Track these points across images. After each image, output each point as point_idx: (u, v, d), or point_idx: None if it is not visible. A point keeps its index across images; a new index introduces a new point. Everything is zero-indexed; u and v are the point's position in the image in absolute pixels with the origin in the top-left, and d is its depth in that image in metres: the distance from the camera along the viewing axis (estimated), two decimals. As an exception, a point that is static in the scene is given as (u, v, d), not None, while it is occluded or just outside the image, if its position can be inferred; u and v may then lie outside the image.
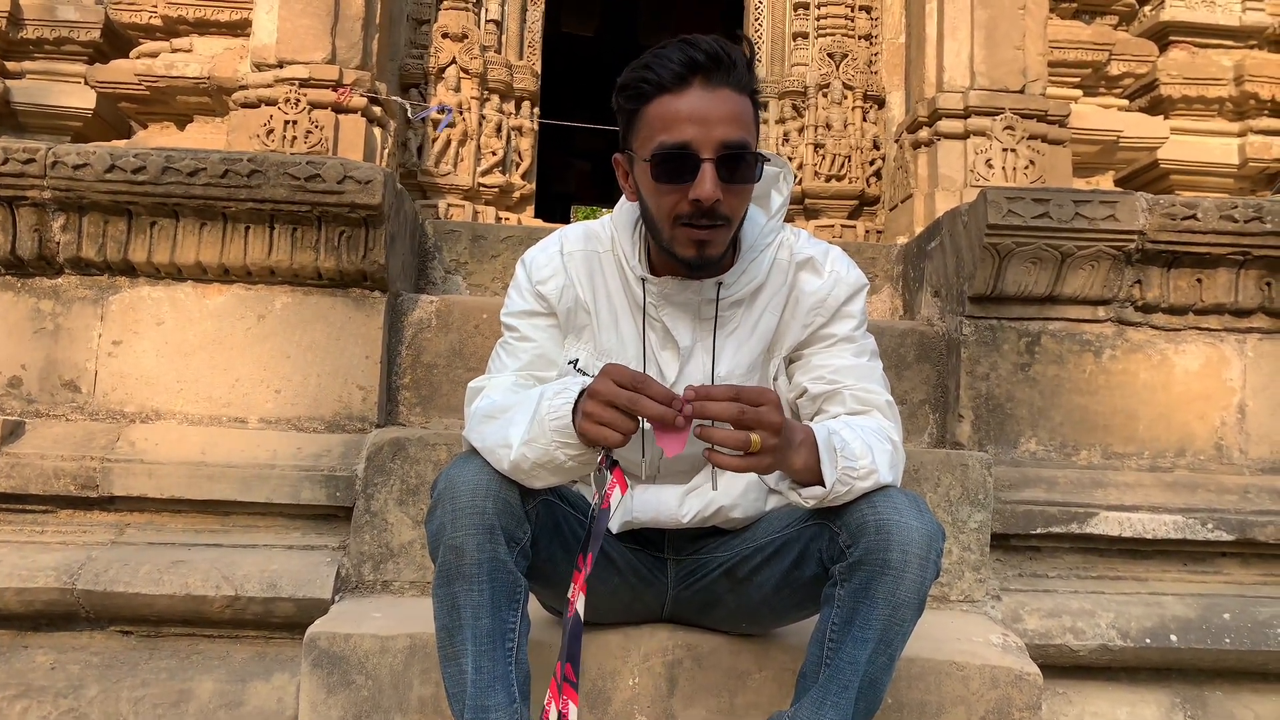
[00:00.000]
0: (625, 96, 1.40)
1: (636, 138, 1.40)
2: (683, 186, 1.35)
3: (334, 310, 2.31)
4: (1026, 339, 2.35)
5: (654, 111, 1.36)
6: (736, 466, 1.24)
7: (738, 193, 1.38)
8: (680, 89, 1.34)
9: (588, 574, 1.30)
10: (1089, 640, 2.05)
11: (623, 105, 1.41)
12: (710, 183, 1.34)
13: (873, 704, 1.40)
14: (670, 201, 1.38)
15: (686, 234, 1.38)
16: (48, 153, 2.18)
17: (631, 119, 1.40)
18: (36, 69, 4.73)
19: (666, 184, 1.36)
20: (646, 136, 1.38)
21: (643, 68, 1.37)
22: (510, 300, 1.58)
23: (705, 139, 1.33)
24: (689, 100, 1.34)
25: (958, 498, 2.07)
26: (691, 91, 1.34)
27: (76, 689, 1.96)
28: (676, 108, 1.34)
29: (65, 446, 2.16)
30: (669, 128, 1.34)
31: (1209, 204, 2.28)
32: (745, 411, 1.22)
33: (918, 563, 1.31)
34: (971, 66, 3.76)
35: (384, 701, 1.68)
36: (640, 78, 1.37)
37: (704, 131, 1.33)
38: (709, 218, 1.36)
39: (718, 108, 1.34)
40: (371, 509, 2.01)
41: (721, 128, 1.34)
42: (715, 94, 1.34)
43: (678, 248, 1.41)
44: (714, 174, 1.34)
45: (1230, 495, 2.25)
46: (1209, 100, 4.85)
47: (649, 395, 1.23)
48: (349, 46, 3.70)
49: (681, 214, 1.37)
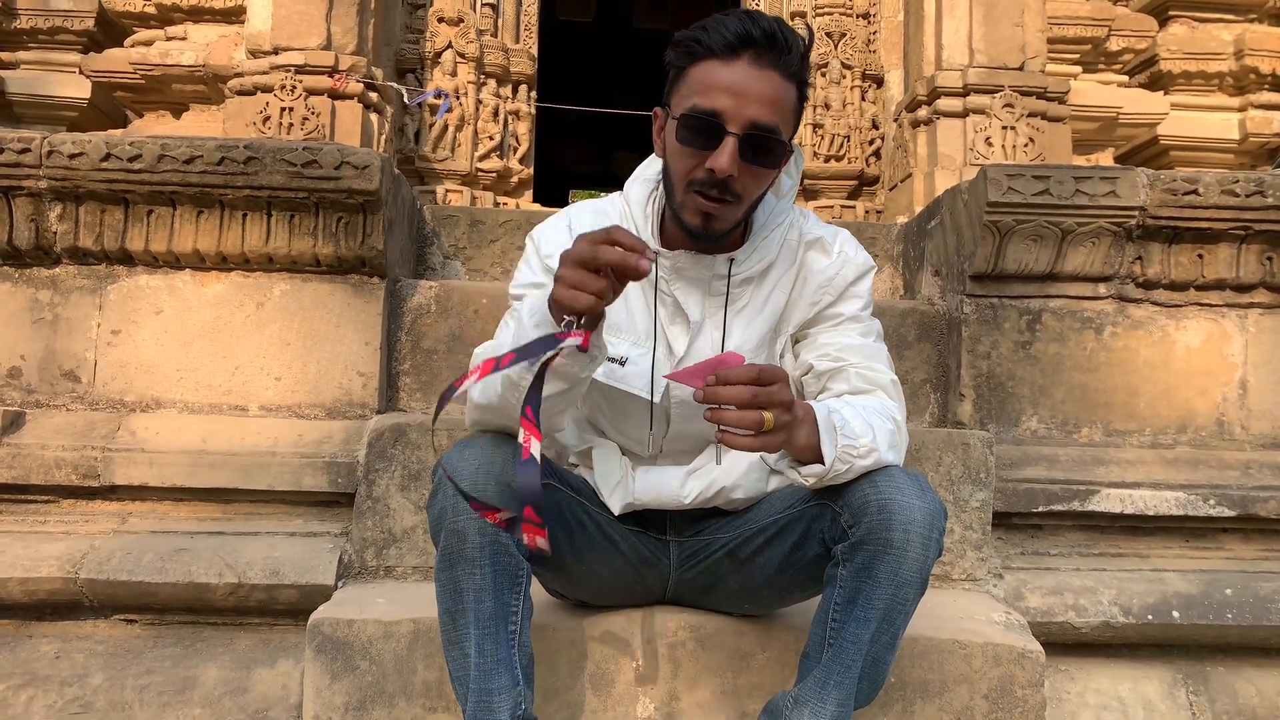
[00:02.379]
0: (676, 52, 1.40)
1: (676, 94, 1.40)
2: (703, 153, 1.35)
3: (333, 297, 2.30)
4: (1027, 317, 2.35)
5: (697, 74, 1.36)
6: (750, 446, 1.23)
7: (755, 174, 1.38)
8: (728, 58, 1.34)
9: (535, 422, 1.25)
10: (1091, 617, 2.05)
11: (673, 60, 1.41)
12: (728, 156, 1.33)
13: (876, 682, 1.41)
14: (688, 165, 1.38)
15: (696, 202, 1.38)
16: (43, 142, 2.17)
17: (677, 76, 1.41)
18: (31, 59, 4.72)
19: (689, 146, 1.37)
20: (684, 95, 1.38)
21: (700, 29, 1.37)
22: (520, 273, 1.58)
23: (736, 113, 1.33)
24: (733, 72, 1.33)
25: (959, 477, 2.06)
26: (738, 64, 1.33)
27: (81, 677, 1.96)
28: (718, 75, 1.34)
29: (66, 436, 2.16)
30: (705, 92, 1.34)
31: (1210, 179, 2.26)
32: (758, 394, 1.21)
33: (920, 542, 1.32)
34: (970, 44, 3.74)
35: (388, 686, 1.68)
36: (694, 37, 1.37)
37: (737, 105, 1.33)
38: (720, 190, 1.36)
39: (758, 86, 1.33)
40: (373, 495, 2.01)
41: (755, 106, 1.33)
42: (761, 73, 1.34)
43: (685, 213, 1.41)
44: (735, 148, 1.33)
45: (1232, 471, 2.25)
46: (1209, 75, 4.82)
47: (616, 242, 1.20)
48: (344, 32, 3.68)
49: (696, 180, 1.37)
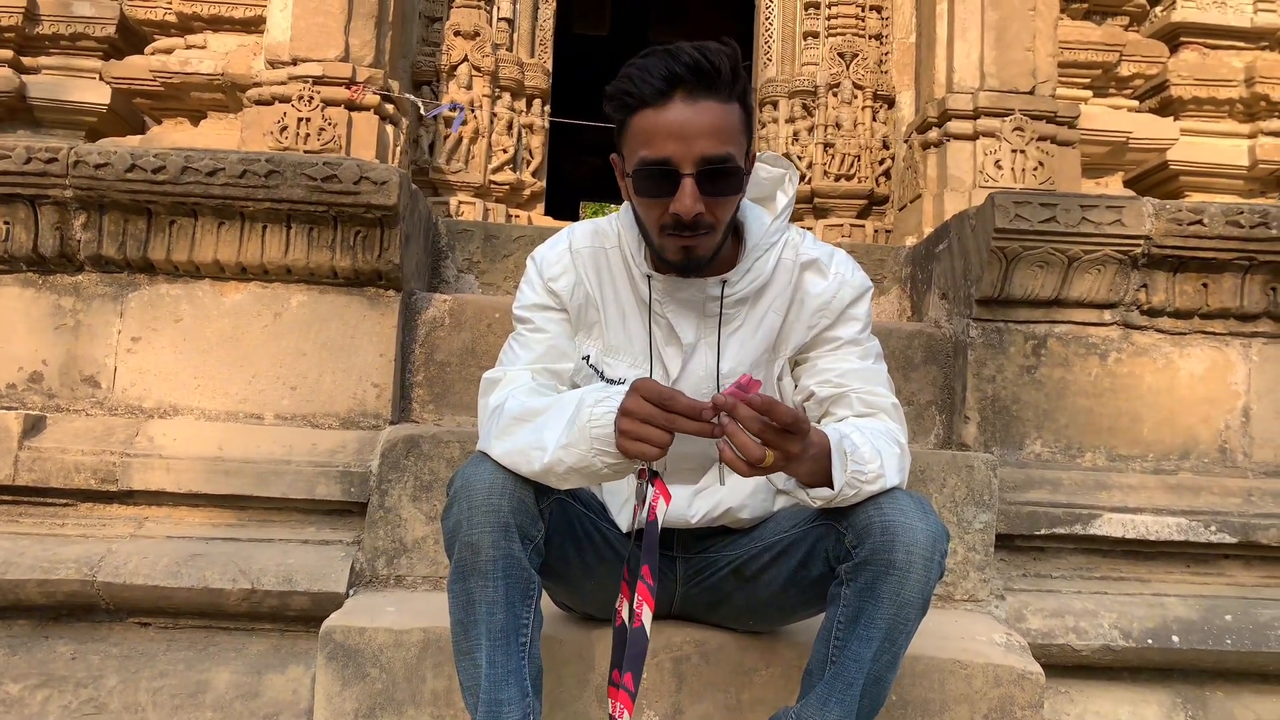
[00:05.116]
0: (612, 106, 1.41)
1: (625, 147, 1.42)
2: (664, 200, 1.37)
3: (349, 309, 2.34)
4: (1033, 342, 2.37)
5: (637, 124, 1.37)
6: (743, 472, 1.26)
7: (720, 203, 1.40)
8: (661, 103, 1.34)
9: (653, 586, 1.32)
10: (1091, 640, 2.07)
11: (611, 114, 1.43)
12: (690, 198, 1.35)
13: (877, 701, 1.43)
14: (655, 213, 1.40)
15: (672, 242, 1.41)
16: (70, 152, 2.22)
17: (620, 127, 1.42)
18: (52, 64, 4.77)
19: (648, 198, 1.39)
20: (631, 149, 1.39)
21: (625, 80, 1.37)
22: (522, 294, 1.59)
23: (685, 154, 1.34)
24: (670, 115, 1.34)
25: (963, 498, 2.09)
26: (673, 105, 1.34)
27: (96, 679, 2.00)
28: (657, 122, 1.35)
29: (85, 441, 2.20)
30: (650, 143, 1.35)
31: (1215, 209, 2.29)
32: (766, 432, 1.23)
33: (922, 563, 1.34)
34: (981, 67, 3.77)
35: (397, 694, 1.71)
36: (623, 90, 1.37)
37: (684, 147, 1.34)
38: (692, 228, 1.38)
39: (698, 121, 1.34)
40: (385, 505, 2.04)
41: (702, 141, 1.34)
42: (697, 106, 1.34)
43: (667, 254, 1.44)
44: (694, 189, 1.35)
45: (1233, 498, 2.27)
46: (1219, 102, 4.84)
47: (679, 412, 1.24)
48: (362, 44, 3.72)
49: (666, 224, 1.39)
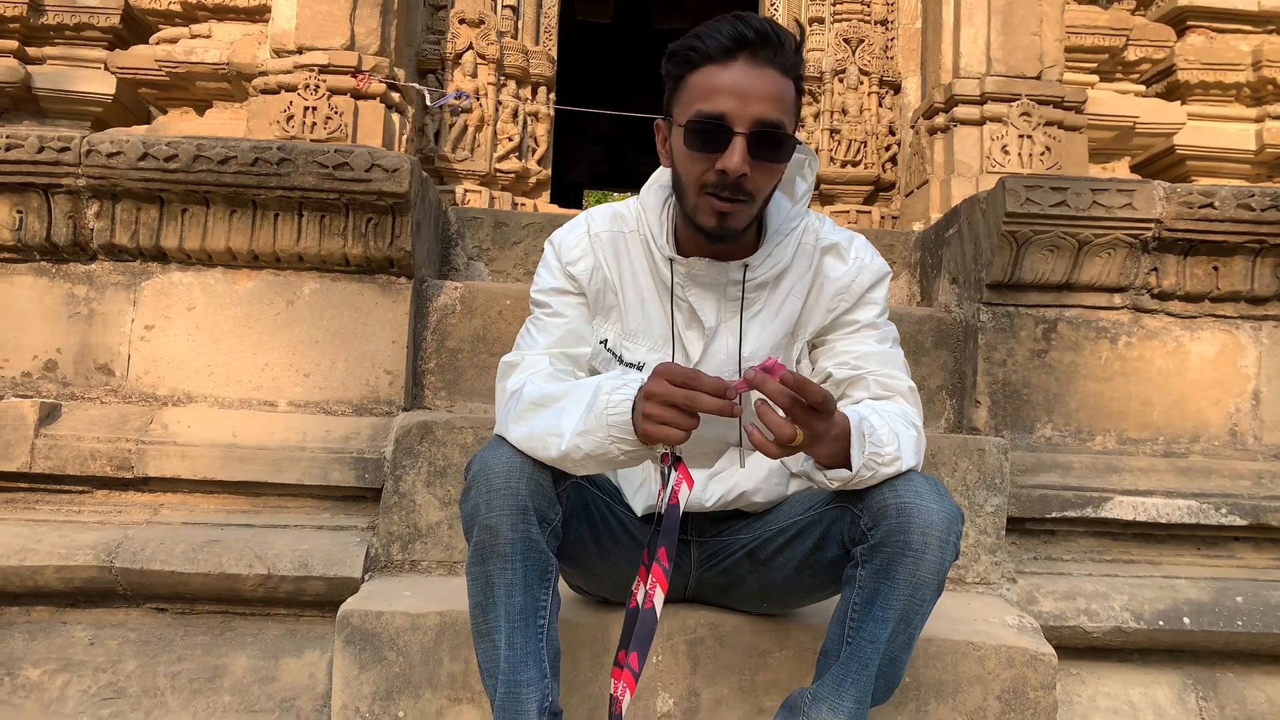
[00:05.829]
0: (673, 63, 1.43)
1: (678, 104, 1.43)
2: (712, 156, 1.38)
3: (361, 296, 2.35)
4: (1043, 326, 2.38)
5: (697, 80, 1.39)
6: (772, 454, 1.28)
7: (766, 170, 1.41)
8: (726, 61, 1.37)
9: (668, 569, 1.35)
10: (1103, 622, 2.08)
11: (670, 71, 1.44)
12: (739, 156, 1.36)
13: (892, 681, 1.45)
14: (699, 169, 1.41)
15: (710, 203, 1.41)
16: (82, 141, 2.22)
17: (676, 85, 1.43)
18: (57, 54, 4.77)
19: (698, 151, 1.39)
20: (687, 103, 1.40)
21: (693, 37, 1.40)
22: (540, 278, 1.60)
23: (741, 113, 1.36)
24: (732, 73, 1.37)
25: (974, 482, 2.10)
26: (736, 65, 1.37)
27: (115, 664, 2.02)
28: (718, 79, 1.37)
29: (100, 428, 2.21)
30: (708, 97, 1.37)
31: (1226, 192, 2.29)
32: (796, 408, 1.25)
33: (938, 545, 1.35)
34: (988, 53, 3.76)
35: (414, 677, 1.72)
36: (689, 46, 1.40)
37: (741, 106, 1.36)
38: (733, 190, 1.39)
39: (758, 84, 1.36)
40: (400, 490, 2.06)
41: (759, 104, 1.36)
42: (759, 71, 1.37)
43: (700, 216, 1.44)
44: (744, 148, 1.37)
45: (1244, 481, 2.28)
46: (1226, 86, 4.83)
47: (704, 390, 1.25)
48: (368, 33, 3.72)
49: (708, 183, 1.40)
